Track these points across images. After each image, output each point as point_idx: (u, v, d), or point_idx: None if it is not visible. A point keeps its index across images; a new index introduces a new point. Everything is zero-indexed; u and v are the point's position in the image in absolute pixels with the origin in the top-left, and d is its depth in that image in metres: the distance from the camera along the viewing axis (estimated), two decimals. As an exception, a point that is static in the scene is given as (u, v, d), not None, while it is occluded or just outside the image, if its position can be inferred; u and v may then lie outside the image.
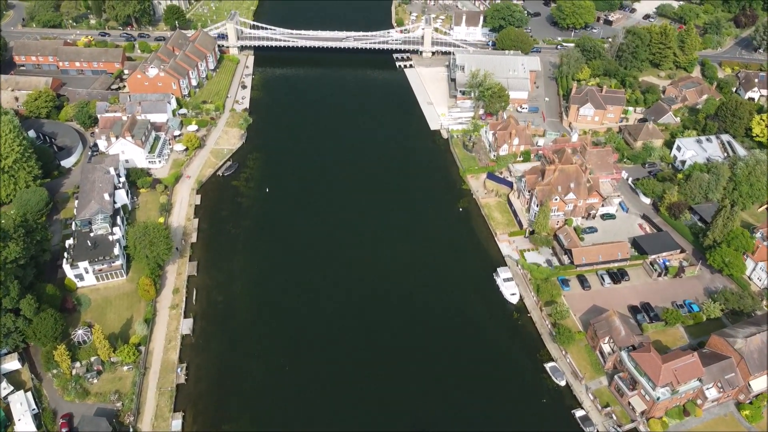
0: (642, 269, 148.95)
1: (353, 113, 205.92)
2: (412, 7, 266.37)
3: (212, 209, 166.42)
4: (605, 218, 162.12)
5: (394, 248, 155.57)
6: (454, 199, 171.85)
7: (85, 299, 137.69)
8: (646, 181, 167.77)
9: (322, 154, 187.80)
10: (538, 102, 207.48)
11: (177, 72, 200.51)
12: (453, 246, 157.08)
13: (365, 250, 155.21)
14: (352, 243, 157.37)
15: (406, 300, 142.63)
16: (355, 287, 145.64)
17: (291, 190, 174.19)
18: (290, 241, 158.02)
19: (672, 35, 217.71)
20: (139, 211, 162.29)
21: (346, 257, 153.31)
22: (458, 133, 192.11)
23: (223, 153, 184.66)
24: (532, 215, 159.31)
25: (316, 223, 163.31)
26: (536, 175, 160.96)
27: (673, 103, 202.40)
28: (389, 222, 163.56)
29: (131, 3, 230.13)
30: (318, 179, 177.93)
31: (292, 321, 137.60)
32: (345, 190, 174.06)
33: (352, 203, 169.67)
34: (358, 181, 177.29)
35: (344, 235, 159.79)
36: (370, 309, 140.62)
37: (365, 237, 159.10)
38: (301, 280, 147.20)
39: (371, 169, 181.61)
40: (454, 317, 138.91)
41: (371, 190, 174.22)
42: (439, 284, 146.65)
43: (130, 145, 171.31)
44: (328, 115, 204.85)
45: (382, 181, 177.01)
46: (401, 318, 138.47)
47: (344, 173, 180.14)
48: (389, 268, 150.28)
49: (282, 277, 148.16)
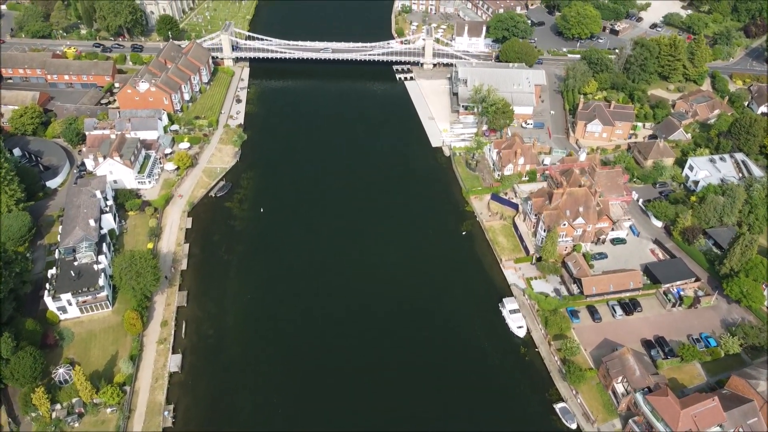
0: (655, 299, 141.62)
1: (352, 129, 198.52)
2: (412, 17, 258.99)
3: (204, 233, 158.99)
4: (615, 243, 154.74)
5: (395, 276, 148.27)
6: (457, 221, 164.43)
7: (67, 333, 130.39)
8: (657, 203, 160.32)
9: (319, 173, 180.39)
10: (543, 117, 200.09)
11: (169, 86, 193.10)
12: (456, 273, 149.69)
13: (364, 278, 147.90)
14: (350, 269, 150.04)
15: (407, 333, 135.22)
16: (354, 318, 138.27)
17: (287, 211, 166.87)
18: (285, 267, 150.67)
19: (681, 47, 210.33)
20: (127, 236, 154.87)
21: (344, 284, 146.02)
22: (461, 151, 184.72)
23: (216, 172, 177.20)
24: (539, 240, 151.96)
25: (312, 248, 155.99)
26: (543, 198, 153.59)
27: (684, 118, 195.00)
28: (390, 247, 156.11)
29: (122, 13, 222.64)
30: (315, 200, 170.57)
31: (288, 355, 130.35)
32: (343, 212, 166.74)
33: (351, 226, 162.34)
34: (356, 202, 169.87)
35: (342, 260, 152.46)
36: (370, 342, 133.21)
37: (364, 263, 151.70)
38: (297, 309, 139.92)
39: (371, 190, 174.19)
40: (457, 351, 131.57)
41: (371, 212, 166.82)
42: (442, 315, 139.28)
43: (118, 165, 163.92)
44: (326, 131, 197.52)
45: (381, 203, 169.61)
46: (402, 353, 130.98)
47: (342, 194, 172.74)
48: (389, 298, 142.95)
49: (277, 306, 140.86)
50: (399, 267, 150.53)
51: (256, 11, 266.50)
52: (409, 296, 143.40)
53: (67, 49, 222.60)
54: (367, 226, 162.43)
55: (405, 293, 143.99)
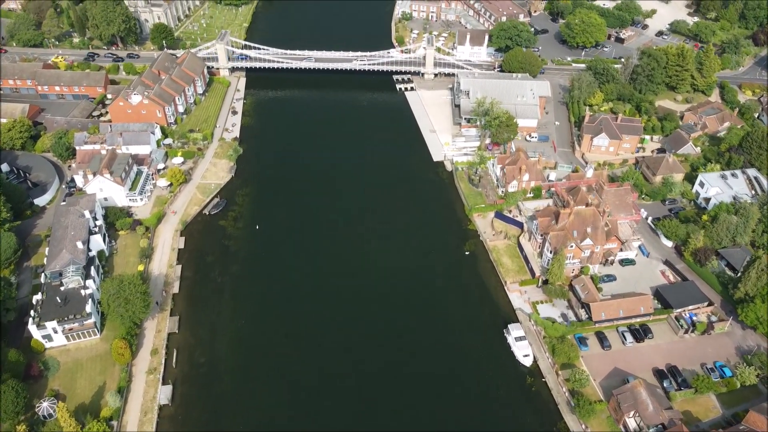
0: (667, 325, 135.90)
1: (351, 142, 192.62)
2: (413, 24, 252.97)
3: (197, 253, 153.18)
4: (624, 264, 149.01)
5: (396, 299, 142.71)
6: (460, 240, 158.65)
7: (53, 363, 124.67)
8: (668, 222, 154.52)
9: (316, 189, 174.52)
10: (548, 130, 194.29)
11: (162, 99, 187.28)
12: (459, 296, 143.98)
13: (364, 301, 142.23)
14: (348, 291, 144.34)
15: (407, 361, 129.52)
16: (354, 344, 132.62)
17: (283, 230, 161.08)
18: (282, 289, 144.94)
19: (690, 57, 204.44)
20: (117, 257, 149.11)
21: (343, 308, 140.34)
22: (463, 166, 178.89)
23: (211, 188, 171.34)
24: (545, 262, 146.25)
25: (309, 268, 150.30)
26: (549, 217, 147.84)
27: (693, 131, 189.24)
28: (390, 268, 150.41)
29: (115, 22, 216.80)
30: (312, 218, 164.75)
31: (284, 385, 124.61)
32: (341, 231, 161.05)
33: (349, 245, 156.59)
34: (355, 221, 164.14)
35: (340, 282, 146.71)
36: (370, 370, 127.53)
37: (363, 285, 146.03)
38: (293, 335, 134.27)
39: (370, 208, 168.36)
40: (461, 380, 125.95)
41: (370, 231, 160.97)
42: (444, 341, 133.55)
43: (108, 182, 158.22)
44: (324, 144, 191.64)
45: (382, 221, 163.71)
46: (401, 383, 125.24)
47: (341, 211, 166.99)
48: (390, 323, 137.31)
49: (272, 332, 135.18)
50: (400, 289, 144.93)
51: (253, 18, 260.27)
52: (410, 321, 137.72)
53: (56, 58, 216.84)
54: (367, 245, 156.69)
55: (406, 318, 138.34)
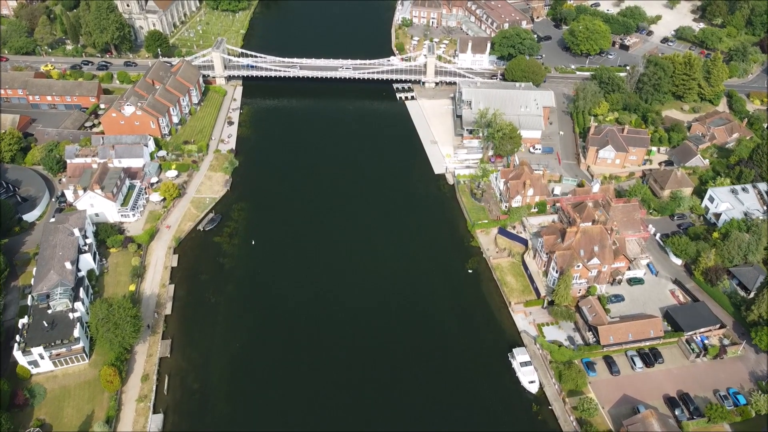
0: (677, 348, 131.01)
1: (350, 154, 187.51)
2: (413, 31, 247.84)
3: (191, 272, 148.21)
4: (633, 283, 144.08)
5: (396, 320, 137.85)
6: (462, 258, 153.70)
7: (39, 390, 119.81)
8: (677, 239, 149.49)
9: (314, 203, 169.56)
10: (552, 141, 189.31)
11: (156, 109, 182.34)
12: (461, 317, 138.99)
13: (363, 322, 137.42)
14: (346, 311, 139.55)
15: (407, 385, 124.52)
16: (353, 369, 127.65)
17: (279, 246, 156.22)
18: (278, 310, 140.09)
19: (697, 65, 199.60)
20: (108, 277, 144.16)
21: (342, 330, 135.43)
22: (465, 179, 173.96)
23: (205, 203, 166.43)
24: (551, 281, 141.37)
25: (306, 287, 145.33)
26: (555, 235, 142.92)
27: (701, 142, 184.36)
28: (389, 287, 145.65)
29: (109, 29, 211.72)
30: (310, 233, 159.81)
31: (280, 412, 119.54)
32: (339, 246, 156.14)
33: (348, 262, 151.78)
34: (354, 236, 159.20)
35: (338, 300, 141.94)
36: (370, 396, 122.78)
37: (363, 305, 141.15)
38: (289, 358, 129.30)
39: (370, 223, 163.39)
40: (463, 407, 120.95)
41: (370, 247, 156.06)
42: (446, 364, 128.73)
43: (99, 198, 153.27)
44: (322, 156, 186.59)
45: (381, 237, 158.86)
46: (402, 411, 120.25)
47: (339, 226, 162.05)
48: (390, 346, 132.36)
49: (268, 356, 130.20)
50: (400, 310, 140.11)
51: (250, 25, 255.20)
52: (410, 343, 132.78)
53: (45, 67, 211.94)
54: (366, 262, 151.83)
55: (406, 340, 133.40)
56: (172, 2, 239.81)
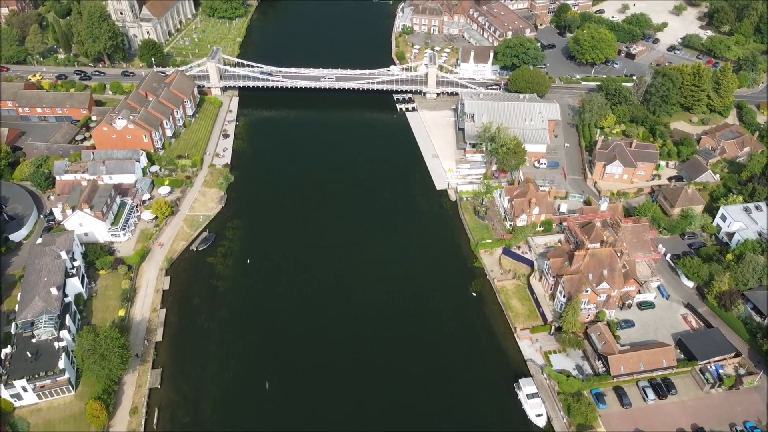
0: (691, 378, 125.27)
1: (348, 169, 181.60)
2: (414, 38, 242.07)
3: (183, 295, 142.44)
4: (643, 308, 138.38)
5: (396, 347, 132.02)
6: (465, 279, 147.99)
7: (22, 424, 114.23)
8: (688, 260, 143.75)
9: (312, 219, 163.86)
10: (557, 155, 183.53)
11: (149, 123, 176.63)
12: (465, 344, 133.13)
13: (362, 350, 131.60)
14: (345, 338, 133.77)
15: (408, 418, 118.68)
16: (351, 399, 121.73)
17: (276, 264, 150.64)
18: (273, 336, 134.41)
19: (706, 76, 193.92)
20: (96, 301, 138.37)
21: (340, 356, 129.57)
22: (468, 195, 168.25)
23: (199, 221, 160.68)
24: (558, 305, 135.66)
25: (303, 311, 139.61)
26: (562, 258, 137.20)
27: (711, 156, 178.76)
28: (390, 311, 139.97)
29: (101, 38, 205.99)
30: (307, 254, 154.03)
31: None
32: (337, 268, 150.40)
33: (346, 283, 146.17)
34: (353, 255, 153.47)
35: (336, 325, 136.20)
36: (368, 430, 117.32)
37: (361, 331, 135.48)
38: (286, 388, 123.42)
39: (369, 240, 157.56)
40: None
41: (369, 267, 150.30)
42: (449, 395, 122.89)
43: (88, 217, 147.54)
44: (320, 170, 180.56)
45: (381, 256, 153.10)
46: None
47: (337, 246, 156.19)
48: (390, 374, 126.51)
49: (262, 387, 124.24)
50: (400, 336, 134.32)
51: (247, 32, 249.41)
52: (411, 371, 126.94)
53: (33, 76, 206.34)
54: (367, 283, 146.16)
55: (407, 368, 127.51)
56: (167, 10, 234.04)
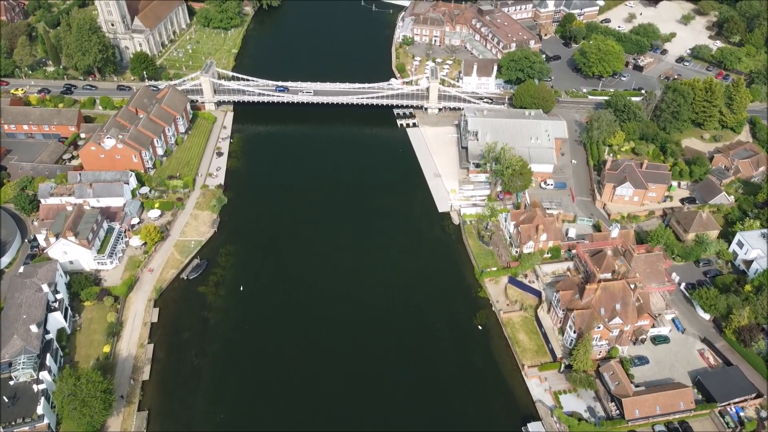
0: (710, 421, 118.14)
1: (347, 188, 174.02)
2: (414, 50, 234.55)
3: (172, 328, 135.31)
4: (657, 342, 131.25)
5: (396, 386, 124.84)
6: (469, 310, 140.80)
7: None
8: (704, 291, 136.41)
9: (308, 244, 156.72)
10: (564, 174, 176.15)
11: (139, 142, 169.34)
12: (469, 383, 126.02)
13: (361, 388, 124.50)
14: (342, 377, 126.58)
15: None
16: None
17: (270, 292, 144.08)
18: (267, 373, 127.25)
19: (718, 91, 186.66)
20: (80, 335, 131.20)
21: (337, 399, 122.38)
22: (472, 219, 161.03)
23: (190, 247, 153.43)
24: (567, 341, 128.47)
25: (299, 346, 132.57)
26: (572, 290, 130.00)
27: (725, 176, 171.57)
28: (391, 345, 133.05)
29: (91, 51, 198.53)
30: (303, 281, 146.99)
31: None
32: (335, 295, 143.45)
33: (345, 313, 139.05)
34: (350, 283, 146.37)
35: (336, 360, 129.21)
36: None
37: (362, 365, 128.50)
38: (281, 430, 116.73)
39: (369, 267, 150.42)
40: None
41: (369, 296, 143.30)
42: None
43: (73, 245, 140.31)
44: (318, 190, 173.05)
45: (381, 284, 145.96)
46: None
47: (334, 272, 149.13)
48: (389, 417, 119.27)
49: (256, 429, 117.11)
50: (401, 374, 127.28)
51: (242, 43, 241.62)
52: (412, 415, 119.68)
53: (15, 90, 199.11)
54: (366, 314, 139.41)
55: (408, 412, 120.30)
56: (160, 21, 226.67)
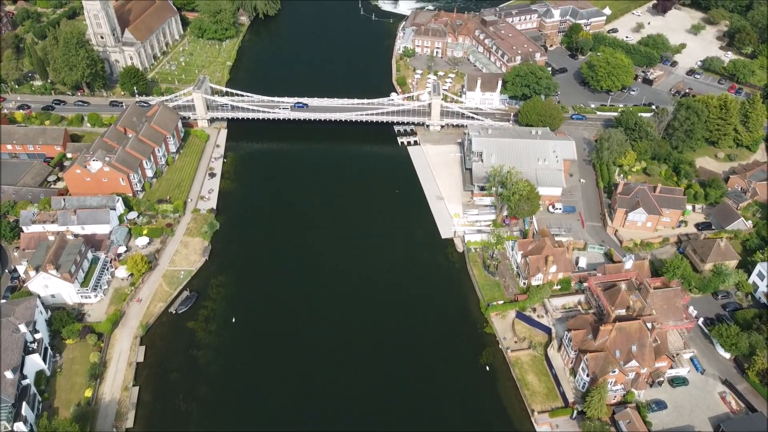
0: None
1: (345, 213, 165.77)
2: (415, 62, 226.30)
3: (159, 369, 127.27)
4: (675, 384, 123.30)
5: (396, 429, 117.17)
6: (475, 348, 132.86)
7: None
8: (724, 328, 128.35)
9: (304, 273, 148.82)
10: (573, 197, 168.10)
11: (127, 165, 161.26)
12: (476, 430, 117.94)
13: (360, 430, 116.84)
14: (342, 418, 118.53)
15: None
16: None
17: (264, 326, 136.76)
18: (260, 417, 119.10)
19: (734, 108, 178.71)
20: (61, 377, 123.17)
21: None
22: (477, 246, 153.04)
23: (179, 278, 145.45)
24: (580, 383, 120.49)
25: (295, 385, 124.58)
26: (585, 330, 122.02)
27: (741, 199, 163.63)
28: (392, 386, 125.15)
29: (78, 66, 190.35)
30: (298, 313, 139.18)
31: None
32: (332, 329, 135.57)
33: (342, 351, 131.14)
34: (350, 317, 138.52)
35: (333, 402, 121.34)
36: None
37: (360, 408, 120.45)
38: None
39: (367, 299, 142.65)
40: None
41: (368, 332, 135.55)
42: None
43: (55, 279, 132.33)
44: (314, 215, 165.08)
45: (381, 319, 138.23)
46: None
47: (331, 304, 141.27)
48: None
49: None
50: (404, 417, 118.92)
51: (237, 55, 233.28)
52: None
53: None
54: (365, 351, 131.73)
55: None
56: (151, 32, 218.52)
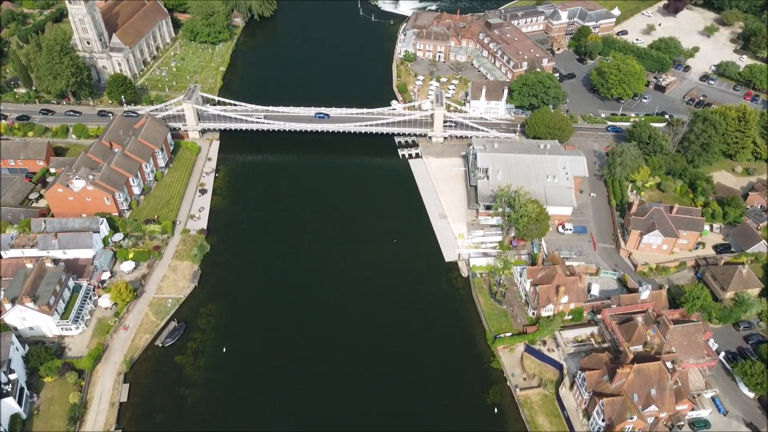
0: None
1: (343, 232, 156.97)
2: (417, 67, 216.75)
3: (143, 410, 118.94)
4: (696, 428, 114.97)
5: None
6: (481, 385, 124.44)
7: None
8: (748, 366, 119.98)
9: (299, 298, 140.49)
10: (584, 215, 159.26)
11: (112, 183, 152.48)
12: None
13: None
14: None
15: None
16: None
17: (256, 358, 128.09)
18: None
19: (753, 120, 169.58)
20: (38, 420, 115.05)
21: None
22: (482, 271, 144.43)
23: (167, 307, 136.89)
24: (594, 428, 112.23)
25: (291, 424, 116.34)
26: (600, 370, 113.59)
27: (761, 219, 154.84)
28: (392, 428, 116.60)
29: (63, 75, 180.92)
30: (293, 345, 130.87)
31: None
32: (329, 362, 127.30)
33: (339, 390, 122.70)
34: (347, 349, 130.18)
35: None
36: None
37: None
38: None
39: (365, 330, 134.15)
40: None
41: (366, 366, 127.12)
42: None
43: (32, 311, 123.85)
44: (310, 234, 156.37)
45: (380, 351, 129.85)
46: None
47: (329, 334, 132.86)
48: None
49: None
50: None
51: (231, 60, 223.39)
52: None
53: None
54: (363, 386, 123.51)
55: None
56: (141, 37, 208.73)
